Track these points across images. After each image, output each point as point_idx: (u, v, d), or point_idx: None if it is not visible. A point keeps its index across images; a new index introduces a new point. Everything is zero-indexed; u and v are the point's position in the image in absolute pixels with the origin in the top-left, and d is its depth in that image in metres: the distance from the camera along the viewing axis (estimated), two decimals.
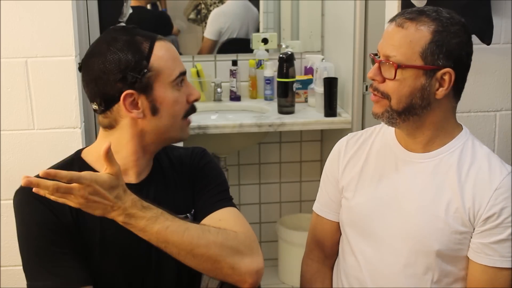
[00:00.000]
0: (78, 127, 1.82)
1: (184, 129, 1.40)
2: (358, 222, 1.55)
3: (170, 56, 1.35)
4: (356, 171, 1.57)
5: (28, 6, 1.75)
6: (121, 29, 1.35)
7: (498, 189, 1.41)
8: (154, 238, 1.26)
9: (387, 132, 1.57)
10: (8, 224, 1.84)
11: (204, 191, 1.44)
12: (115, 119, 1.34)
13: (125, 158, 1.36)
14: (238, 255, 1.31)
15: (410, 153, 1.50)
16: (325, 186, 1.66)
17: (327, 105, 2.68)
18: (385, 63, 1.41)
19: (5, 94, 1.78)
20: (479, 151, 1.48)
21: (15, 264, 1.86)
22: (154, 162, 1.43)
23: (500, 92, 1.92)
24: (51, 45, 1.77)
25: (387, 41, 1.41)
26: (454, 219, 1.42)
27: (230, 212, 1.41)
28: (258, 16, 3.20)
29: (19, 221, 1.36)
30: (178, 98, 1.35)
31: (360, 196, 1.55)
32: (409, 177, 1.48)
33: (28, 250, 1.33)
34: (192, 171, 1.47)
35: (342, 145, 1.63)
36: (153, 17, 3.30)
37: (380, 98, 1.43)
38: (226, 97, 3.02)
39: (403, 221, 1.47)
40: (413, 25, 1.38)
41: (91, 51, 1.34)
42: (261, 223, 3.15)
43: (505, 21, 1.85)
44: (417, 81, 1.40)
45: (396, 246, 1.48)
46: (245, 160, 3.12)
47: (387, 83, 1.41)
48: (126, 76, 1.29)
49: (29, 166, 1.81)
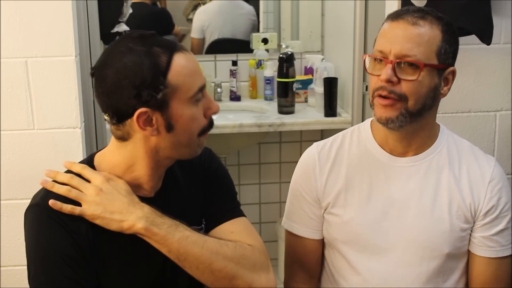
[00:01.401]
0: (78, 127, 1.82)
1: (199, 145, 1.31)
2: (356, 238, 1.47)
3: (189, 71, 1.23)
4: (341, 185, 1.48)
5: (28, 6, 1.75)
6: (138, 38, 1.22)
7: (491, 181, 1.43)
8: (175, 248, 1.22)
9: (363, 138, 1.50)
10: (8, 224, 1.84)
11: (215, 197, 1.40)
12: (128, 132, 1.24)
13: (140, 172, 1.28)
14: (255, 272, 1.29)
15: (397, 158, 1.45)
16: (299, 204, 1.54)
17: (327, 105, 2.68)
18: (400, 63, 1.33)
19: (5, 94, 1.78)
20: (461, 145, 1.49)
21: (15, 264, 1.86)
22: (166, 171, 1.35)
23: (500, 92, 1.92)
24: (51, 45, 1.77)
25: (402, 40, 1.34)
26: (457, 218, 1.42)
27: (241, 224, 1.38)
28: (250, 15, 3.21)
29: (33, 240, 1.24)
30: (196, 114, 1.25)
31: (352, 210, 1.47)
32: (402, 183, 1.44)
33: (39, 271, 1.23)
34: (203, 174, 1.41)
35: (314, 158, 1.52)
36: (153, 14, 3.29)
37: (395, 101, 1.35)
38: (226, 97, 3.02)
39: (407, 229, 1.43)
40: (427, 23, 1.34)
41: (105, 60, 1.23)
42: (261, 223, 3.15)
43: (505, 21, 1.85)
44: (432, 80, 1.36)
45: (406, 256, 1.43)
46: (245, 160, 3.12)
47: (404, 84, 1.34)
48: (141, 93, 1.18)
49: (29, 166, 1.81)
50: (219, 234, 1.34)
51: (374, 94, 1.38)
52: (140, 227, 1.22)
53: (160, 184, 1.34)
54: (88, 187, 1.24)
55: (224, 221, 1.37)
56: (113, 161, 1.28)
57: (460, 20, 1.70)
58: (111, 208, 1.22)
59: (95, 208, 1.22)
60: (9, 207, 1.83)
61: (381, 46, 1.37)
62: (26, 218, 1.26)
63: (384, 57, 1.35)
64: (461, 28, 1.72)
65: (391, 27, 1.37)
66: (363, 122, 1.55)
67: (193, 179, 1.40)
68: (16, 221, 1.81)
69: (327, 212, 1.51)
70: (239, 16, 3.25)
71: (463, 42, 1.83)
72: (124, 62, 1.19)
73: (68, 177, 1.26)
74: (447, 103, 1.90)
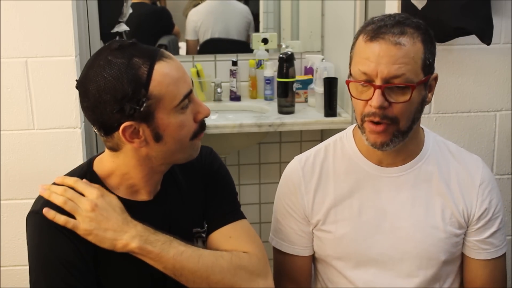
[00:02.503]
0: (78, 127, 1.82)
1: (194, 148, 1.29)
2: (351, 253, 1.43)
3: (172, 79, 1.19)
4: (330, 201, 1.44)
5: (28, 6, 1.75)
6: (117, 49, 1.19)
7: (481, 184, 1.43)
8: (170, 264, 1.22)
9: (348, 149, 1.46)
10: (8, 224, 1.84)
11: (216, 198, 1.39)
12: (117, 143, 1.23)
13: (135, 180, 1.28)
14: (253, 280, 1.29)
15: (385, 169, 1.42)
16: (286, 221, 1.50)
17: (327, 105, 2.67)
18: (391, 87, 1.28)
19: (5, 94, 1.78)
20: (447, 148, 1.47)
21: (15, 264, 1.86)
22: (166, 172, 1.33)
23: (500, 92, 1.92)
24: (51, 45, 1.77)
25: (387, 62, 1.27)
26: (451, 224, 1.42)
27: (241, 228, 1.37)
28: (245, 14, 3.21)
29: (35, 247, 1.24)
30: (184, 121, 1.23)
31: (344, 226, 1.43)
32: (392, 194, 1.42)
33: (40, 277, 1.22)
34: (205, 173, 1.40)
35: (298, 175, 1.47)
36: (153, 14, 3.29)
37: (387, 125, 1.31)
38: (226, 97, 3.02)
39: (402, 240, 1.41)
40: (409, 39, 1.29)
41: (86, 74, 1.20)
42: (261, 223, 3.15)
43: (505, 21, 1.85)
44: (419, 95, 1.32)
45: (403, 267, 1.42)
46: (245, 160, 3.12)
47: (395, 106, 1.29)
48: (123, 107, 1.16)
49: (29, 166, 1.81)
50: (218, 238, 1.34)
51: (364, 119, 1.33)
52: (134, 246, 1.21)
53: (159, 186, 1.33)
54: (83, 201, 1.23)
55: (223, 224, 1.36)
56: (109, 169, 1.28)
57: (460, 20, 1.70)
58: (105, 225, 1.21)
59: (88, 224, 1.21)
60: (9, 207, 1.83)
61: (364, 68, 1.30)
62: (28, 224, 1.26)
63: (370, 81, 1.30)
64: (461, 28, 1.72)
65: (372, 48, 1.29)
66: (344, 132, 1.51)
67: (194, 179, 1.39)
68: (16, 221, 1.82)
69: (317, 229, 1.47)
70: (231, 15, 3.25)
71: (463, 42, 1.84)
72: (104, 77, 1.16)
73: (62, 190, 1.24)
74: (447, 103, 1.90)
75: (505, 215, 2.01)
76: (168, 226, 1.31)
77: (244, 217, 1.40)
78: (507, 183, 1.98)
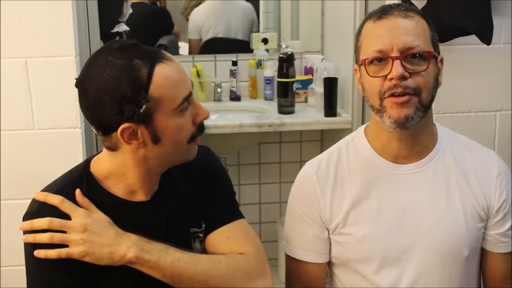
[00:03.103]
0: (78, 127, 1.82)
1: (190, 152, 1.29)
2: (374, 255, 1.40)
3: (172, 82, 1.19)
4: (348, 204, 1.41)
5: (28, 6, 1.75)
6: (117, 50, 1.18)
7: (499, 175, 1.42)
8: (168, 271, 1.21)
9: (361, 149, 1.43)
10: (8, 224, 1.84)
11: (214, 198, 1.38)
12: (115, 143, 1.23)
13: (132, 180, 1.27)
14: (252, 281, 1.28)
15: (402, 166, 1.40)
16: (301, 228, 1.46)
17: (327, 105, 2.67)
18: (407, 56, 1.28)
19: (5, 94, 1.78)
20: (461, 141, 1.46)
21: (15, 264, 1.86)
22: (163, 173, 1.33)
23: (500, 92, 1.92)
24: (51, 45, 1.77)
25: (401, 33, 1.29)
26: (472, 218, 1.39)
27: (239, 227, 1.36)
28: (248, 12, 3.21)
29: (29, 249, 1.23)
30: (183, 124, 1.22)
31: (364, 227, 1.40)
32: (411, 191, 1.39)
33: (36, 279, 1.23)
34: (201, 174, 1.39)
35: (313, 180, 1.44)
36: (153, 14, 3.29)
37: (411, 96, 1.29)
38: (226, 97, 3.02)
39: (424, 237, 1.38)
40: (416, 15, 1.32)
41: (85, 74, 1.19)
42: (261, 223, 3.15)
43: (505, 21, 1.85)
44: (435, 69, 1.33)
45: (427, 265, 1.39)
46: (245, 160, 3.12)
47: (414, 77, 1.29)
48: (123, 109, 1.16)
49: (29, 166, 1.81)
50: (216, 239, 1.34)
51: (385, 95, 1.30)
52: (131, 256, 1.20)
53: (156, 187, 1.33)
54: (72, 225, 1.21)
55: (221, 224, 1.35)
56: (106, 169, 1.28)
57: (460, 20, 1.70)
58: (100, 242, 1.20)
59: (82, 246, 1.20)
60: (9, 207, 1.83)
61: (378, 46, 1.30)
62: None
63: (386, 55, 1.30)
64: (461, 28, 1.72)
65: (383, 25, 1.31)
66: (355, 133, 1.49)
67: (192, 179, 1.38)
68: (16, 221, 1.80)
69: (336, 233, 1.44)
70: (234, 14, 3.25)
71: (463, 42, 1.84)
72: (104, 77, 1.16)
73: (47, 222, 1.20)
74: (447, 103, 1.90)
75: None
76: (165, 226, 1.31)
77: (243, 216, 1.40)
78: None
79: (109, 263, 1.21)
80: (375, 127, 1.41)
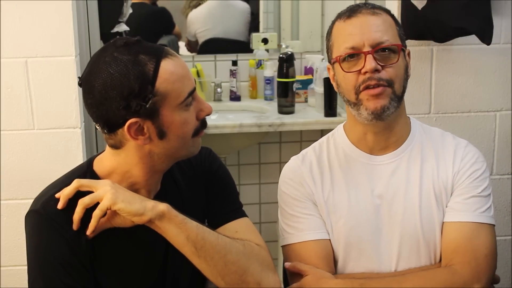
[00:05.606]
0: (78, 127, 1.82)
1: (195, 145, 1.30)
2: (352, 243, 1.44)
3: (177, 77, 1.20)
4: (327, 193, 1.46)
5: (28, 6, 1.75)
6: (123, 46, 1.19)
7: (466, 155, 1.44)
8: (194, 233, 1.21)
9: (340, 143, 1.50)
10: (8, 224, 1.84)
11: (218, 199, 1.39)
12: (120, 141, 1.23)
13: (136, 178, 1.28)
14: (264, 270, 1.29)
15: (377, 157, 1.45)
16: (300, 210, 1.46)
17: (327, 105, 2.68)
18: (378, 50, 1.35)
19: (5, 94, 1.78)
20: (432, 133, 1.50)
21: (15, 264, 1.86)
22: (165, 174, 1.33)
23: (500, 92, 1.92)
24: (51, 45, 1.77)
25: (371, 29, 1.36)
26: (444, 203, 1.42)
27: (245, 224, 1.38)
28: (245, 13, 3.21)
29: (33, 247, 1.24)
30: (187, 119, 1.24)
31: (342, 217, 1.44)
32: (386, 180, 1.44)
33: (38, 278, 1.22)
34: (204, 175, 1.40)
35: (300, 169, 1.49)
36: (153, 14, 3.29)
37: (385, 87, 1.36)
38: (226, 97, 3.02)
39: (400, 225, 1.42)
40: (383, 12, 1.40)
41: (91, 70, 1.20)
42: (261, 223, 3.15)
43: (505, 21, 1.86)
44: (404, 62, 1.41)
45: (403, 252, 1.42)
46: (245, 160, 3.12)
47: (386, 70, 1.36)
48: (129, 103, 1.16)
49: (29, 166, 1.81)
50: (224, 233, 1.33)
51: (360, 89, 1.37)
52: (162, 208, 1.20)
53: (158, 187, 1.33)
54: (99, 183, 1.22)
55: (227, 221, 1.36)
56: (110, 167, 1.28)
57: (460, 20, 1.70)
58: (130, 196, 1.21)
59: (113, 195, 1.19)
60: (9, 207, 1.83)
61: (350, 43, 1.37)
62: (27, 223, 1.26)
63: (359, 51, 1.36)
64: (461, 28, 1.72)
65: (353, 23, 1.39)
66: (335, 129, 1.55)
67: (194, 180, 1.39)
68: (16, 221, 1.82)
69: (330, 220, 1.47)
70: (232, 15, 3.25)
71: (463, 42, 1.84)
72: (110, 73, 1.16)
73: (75, 184, 1.22)
74: (447, 103, 1.90)
75: (505, 214, 2.02)
76: None
77: (247, 215, 1.41)
78: (507, 183, 1.99)
79: (139, 213, 1.19)
80: (350, 121, 1.47)
